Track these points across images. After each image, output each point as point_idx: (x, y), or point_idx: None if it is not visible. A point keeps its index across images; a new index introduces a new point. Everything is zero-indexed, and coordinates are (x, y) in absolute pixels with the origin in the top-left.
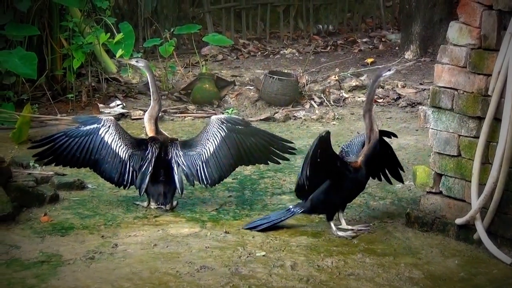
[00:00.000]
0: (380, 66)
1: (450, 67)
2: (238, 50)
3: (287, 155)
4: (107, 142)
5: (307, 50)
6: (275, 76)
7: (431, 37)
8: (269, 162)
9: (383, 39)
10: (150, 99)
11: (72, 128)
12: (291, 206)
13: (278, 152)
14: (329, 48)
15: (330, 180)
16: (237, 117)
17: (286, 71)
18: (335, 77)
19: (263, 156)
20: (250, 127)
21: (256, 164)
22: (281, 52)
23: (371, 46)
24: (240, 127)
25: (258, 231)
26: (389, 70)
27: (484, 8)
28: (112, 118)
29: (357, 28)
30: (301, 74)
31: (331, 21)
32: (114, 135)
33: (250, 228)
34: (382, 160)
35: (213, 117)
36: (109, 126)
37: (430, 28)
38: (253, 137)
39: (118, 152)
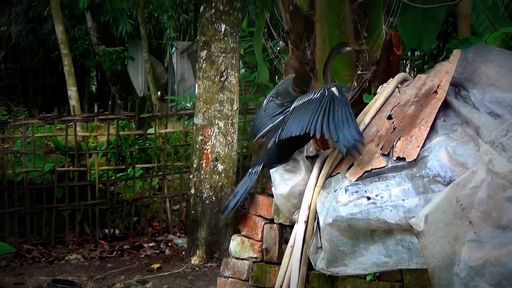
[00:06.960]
0: (165, 273)
1: (232, 281)
2: (22, 255)
3: None
4: None
5: (92, 255)
6: (59, 285)
7: (217, 243)
8: None
9: (169, 244)
10: None
11: None
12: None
13: None
14: (115, 253)
15: None
16: None
17: (71, 278)
18: (120, 285)
19: None
20: None
21: None
22: (66, 257)
23: (157, 251)
24: None
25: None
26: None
27: (265, 222)
28: None
29: (143, 232)
30: (86, 281)
31: (118, 225)
32: None
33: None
34: None
35: None
36: None
37: (216, 233)
38: None
39: None
